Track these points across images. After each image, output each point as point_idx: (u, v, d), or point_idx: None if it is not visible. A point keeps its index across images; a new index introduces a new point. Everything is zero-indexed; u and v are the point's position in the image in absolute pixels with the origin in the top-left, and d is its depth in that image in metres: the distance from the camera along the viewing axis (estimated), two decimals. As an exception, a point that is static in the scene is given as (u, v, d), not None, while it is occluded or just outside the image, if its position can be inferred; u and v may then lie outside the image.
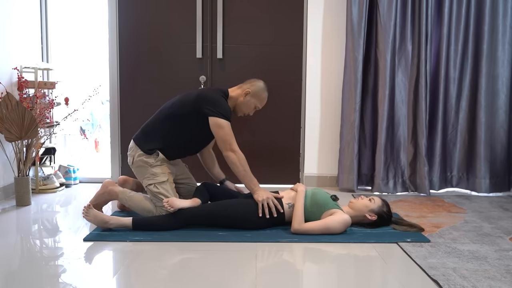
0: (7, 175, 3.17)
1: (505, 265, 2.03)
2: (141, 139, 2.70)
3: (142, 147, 2.66)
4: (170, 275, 1.94)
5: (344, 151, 3.51)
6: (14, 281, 1.85)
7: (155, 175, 2.62)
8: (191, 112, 2.64)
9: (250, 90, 2.77)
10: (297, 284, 1.91)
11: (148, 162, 2.63)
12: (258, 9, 3.59)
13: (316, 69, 3.60)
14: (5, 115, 2.87)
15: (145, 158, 2.64)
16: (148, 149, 2.64)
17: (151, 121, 2.75)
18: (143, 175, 2.65)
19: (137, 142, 2.70)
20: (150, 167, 2.63)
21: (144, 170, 2.64)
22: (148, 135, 2.70)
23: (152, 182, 2.60)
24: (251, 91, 2.77)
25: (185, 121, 2.65)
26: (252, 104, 2.80)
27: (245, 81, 2.84)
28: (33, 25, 3.53)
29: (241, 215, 2.48)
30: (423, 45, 3.34)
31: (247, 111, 2.83)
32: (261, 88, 2.80)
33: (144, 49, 3.61)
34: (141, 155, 2.65)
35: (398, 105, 3.45)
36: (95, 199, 2.73)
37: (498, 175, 3.52)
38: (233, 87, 2.82)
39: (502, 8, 3.38)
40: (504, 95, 3.46)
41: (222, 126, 2.59)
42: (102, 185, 2.75)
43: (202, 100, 2.63)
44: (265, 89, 2.82)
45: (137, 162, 2.66)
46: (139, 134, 2.74)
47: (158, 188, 2.59)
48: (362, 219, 2.55)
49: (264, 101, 2.85)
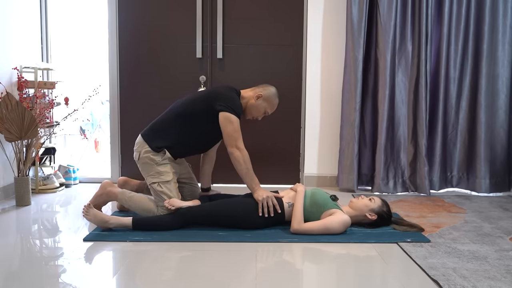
0: (7, 175, 3.17)
1: (505, 265, 2.03)
2: (149, 136, 2.68)
3: (150, 143, 2.64)
4: (170, 275, 1.94)
5: (344, 151, 3.51)
6: (14, 281, 1.85)
7: (160, 173, 2.61)
8: (203, 109, 2.63)
9: (262, 93, 2.76)
10: (297, 284, 1.91)
11: (155, 160, 2.62)
12: (258, 9, 3.59)
13: (316, 69, 3.60)
14: (5, 115, 2.87)
15: (152, 155, 2.63)
16: (156, 147, 2.63)
17: (161, 119, 2.73)
18: (148, 172, 2.64)
19: (145, 138, 2.67)
20: (156, 165, 2.62)
21: (149, 167, 2.63)
22: (157, 132, 2.68)
23: (157, 181, 2.60)
24: (263, 95, 2.76)
25: (197, 119, 2.64)
26: (263, 108, 2.79)
27: (258, 85, 2.83)
28: (33, 25, 3.53)
29: (241, 214, 2.49)
30: (423, 45, 3.34)
31: (256, 114, 2.81)
32: (273, 93, 2.80)
33: (144, 49, 3.61)
34: (148, 151, 2.63)
35: (398, 105, 3.45)
36: (94, 200, 2.72)
37: (498, 175, 3.52)
38: (246, 89, 2.81)
39: (502, 8, 3.38)
40: (504, 95, 3.46)
41: (232, 121, 2.58)
42: (100, 186, 2.74)
43: (214, 97, 2.63)
44: (276, 95, 2.81)
45: (143, 159, 2.65)
46: (147, 130, 2.72)
47: (161, 187, 2.58)
48: (362, 219, 2.55)
49: (275, 107, 2.84)
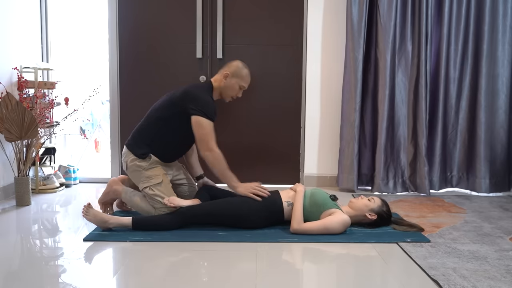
0: (7, 175, 3.17)
1: (505, 265, 2.03)
2: (132, 144, 2.70)
3: (135, 152, 2.66)
4: (170, 275, 1.94)
5: (344, 151, 3.51)
6: (14, 281, 1.85)
7: (150, 177, 2.62)
8: (178, 112, 2.63)
9: (228, 71, 2.75)
10: (297, 284, 1.91)
11: (142, 166, 2.64)
12: (258, 9, 3.59)
13: (316, 69, 3.60)
14: (5, 115, 2.87)
15: (138, 162, 2.64)
16: (141, 154, 2.65)
17: (141, 125, 2.75)
18: (139, 179, 2.65)
19: (129, 147, 2.70)
20: (144, 170, 2.63)
21: (138, 174, 2.65)
22: (139, 139, 2.70)
23: (147, 185, 2.61)
24: (230, 72, 2.74)
25: (174, 122, 2.65)
26: (236, 85, 2.76)
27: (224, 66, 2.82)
28: (33, 25, 3.53)
29: (245, 213, 2.48)
30: (423, 45, 3.34)
31: (232, 93, 2.79)
32: (239, 66, 2.77)
33: (144, 49, 3.61)
34: (134, 159, 2.65)
35: (398, 105, 3.45)
36: (103, 197, 2.80)
37: (498, 175, 3.52)
38: (215, 75, 2.81)
39: (502, 8, 3.38)
40: (504, 95, 3.46)
41: (202, 125, 2.58)
42: (107, 184, 2.80)
43: (186, 99, 2.62)
44: (243, 66, 2.78)
45: (131, 167, 2.67)
46: (130, 139, 2.74)
47: (153, 190, 2.59)
48: (362, 219, 2.55)
49: (247, 78, 2.80)
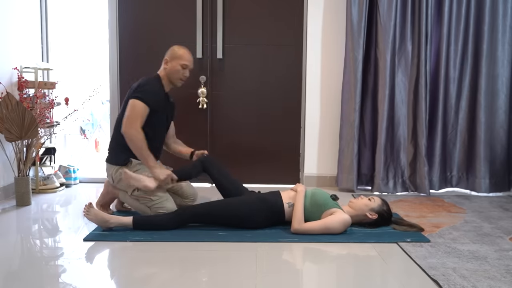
0: (7, 175, 3.17)
1: (505, 265, 2.03)
2: (111, 157, 2.72)
3: (115, 162, 2.68)
4: (170, 275, 1.94)
5: (344, 151, 3.51)
6: (14, 281, 1.85)
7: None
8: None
9: (166, 57, 2.76)
10: (297, 284, 1.91)
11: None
12: (258, 9, 3.59)
13: (316, 69, 3.60)
14: (5, 115, 2.87)
15: (121, 169, 2.63)
16: (122, 161, 2.65)
17: (113, 136, 2.77)
18: (127, 186, 2.63)
19: (109, 161, 2.72)
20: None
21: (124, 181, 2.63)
22: (114, 150, 2.72)
23: (134, 188, 2.60)
24: (168, 57, 2.76)
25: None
26: (177, 66, 2.73)
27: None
28: (33, 25, 3.53)
29: (246, 213, 2.48)
30: (423, 45, 3.34)
31: (178, 75, 2.75)
32: (174, 49, 2.77)
33: (144, 49, 3.61)
34: (117, 169, 2.66)
35: (398, 105, 3.45)
36: (101, 198, 2.82)
37: (498, 175, 3.52)
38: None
39: (502, 8, 3.39)
40: (504, 95, 3.46)
41: (134, 106, 2.58)
42: (104, 185, 2.81)
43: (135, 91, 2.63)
44: (179, 47, 2.78)
45: (116, 178, 2.67)
46: (107, 155, 2.76)
47: (140, 191, 2.59)
48: (363, 219, 2.55)
49: (186, 56, 2.76)
